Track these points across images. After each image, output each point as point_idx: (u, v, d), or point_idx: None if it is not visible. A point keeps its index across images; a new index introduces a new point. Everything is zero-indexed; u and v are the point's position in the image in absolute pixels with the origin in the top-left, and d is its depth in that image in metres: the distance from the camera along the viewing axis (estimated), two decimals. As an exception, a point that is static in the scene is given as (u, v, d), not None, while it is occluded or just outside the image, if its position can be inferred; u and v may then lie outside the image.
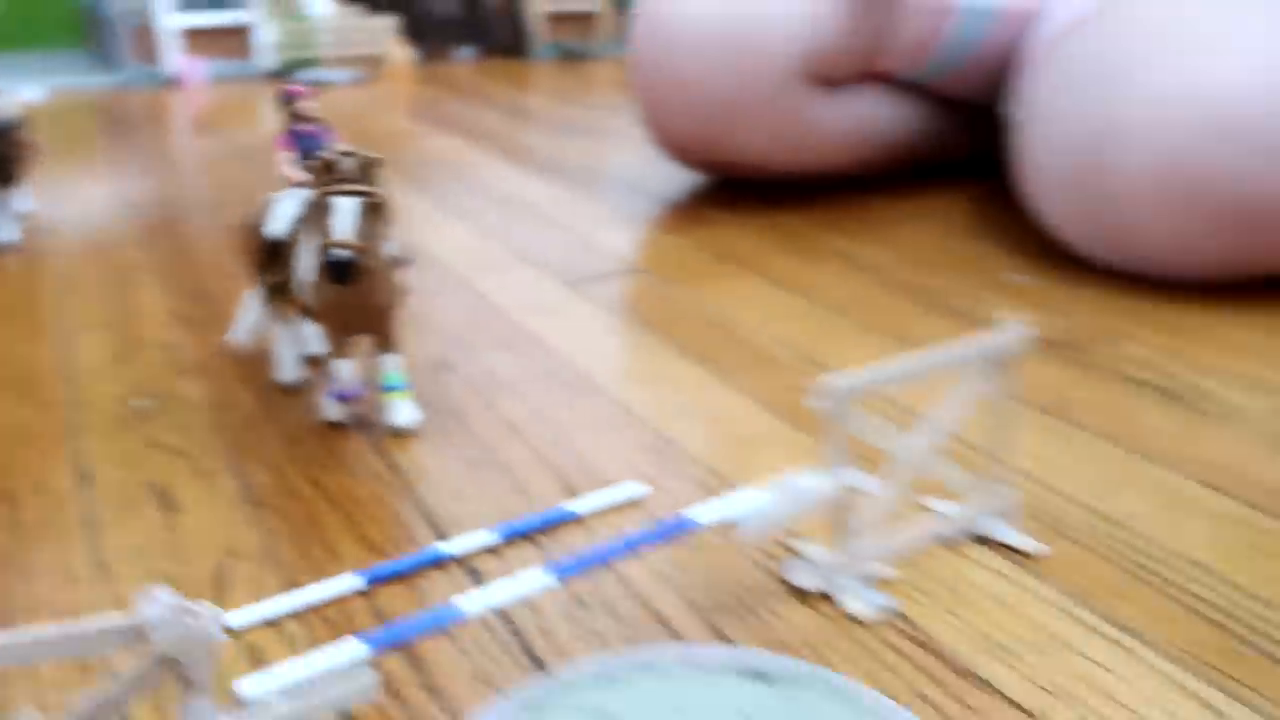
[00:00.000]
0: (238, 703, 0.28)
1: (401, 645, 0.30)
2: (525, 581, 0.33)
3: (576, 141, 1.10)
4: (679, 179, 0.90)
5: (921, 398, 0.46)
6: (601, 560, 0.34)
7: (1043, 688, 0.28)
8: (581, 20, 2.06)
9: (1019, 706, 0.27)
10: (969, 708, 0.27)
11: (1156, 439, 0.42)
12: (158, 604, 0.21)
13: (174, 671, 0.21)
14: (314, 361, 0.50)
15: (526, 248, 0.70)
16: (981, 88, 0.78)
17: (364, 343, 0.44)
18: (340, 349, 0.42)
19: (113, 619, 0.21)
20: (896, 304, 0.58)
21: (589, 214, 0.79)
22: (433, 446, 0.42)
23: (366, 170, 0.39)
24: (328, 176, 0.39)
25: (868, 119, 0.76)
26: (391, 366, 0.43)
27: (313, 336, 0.49)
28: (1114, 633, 0.30)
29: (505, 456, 0.41)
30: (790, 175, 0.79)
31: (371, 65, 1.80)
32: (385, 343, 0.43)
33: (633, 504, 0.38)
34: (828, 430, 0.30)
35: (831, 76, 0.71)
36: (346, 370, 0.43)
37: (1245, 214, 0.52)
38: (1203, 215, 0.53)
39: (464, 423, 0.44)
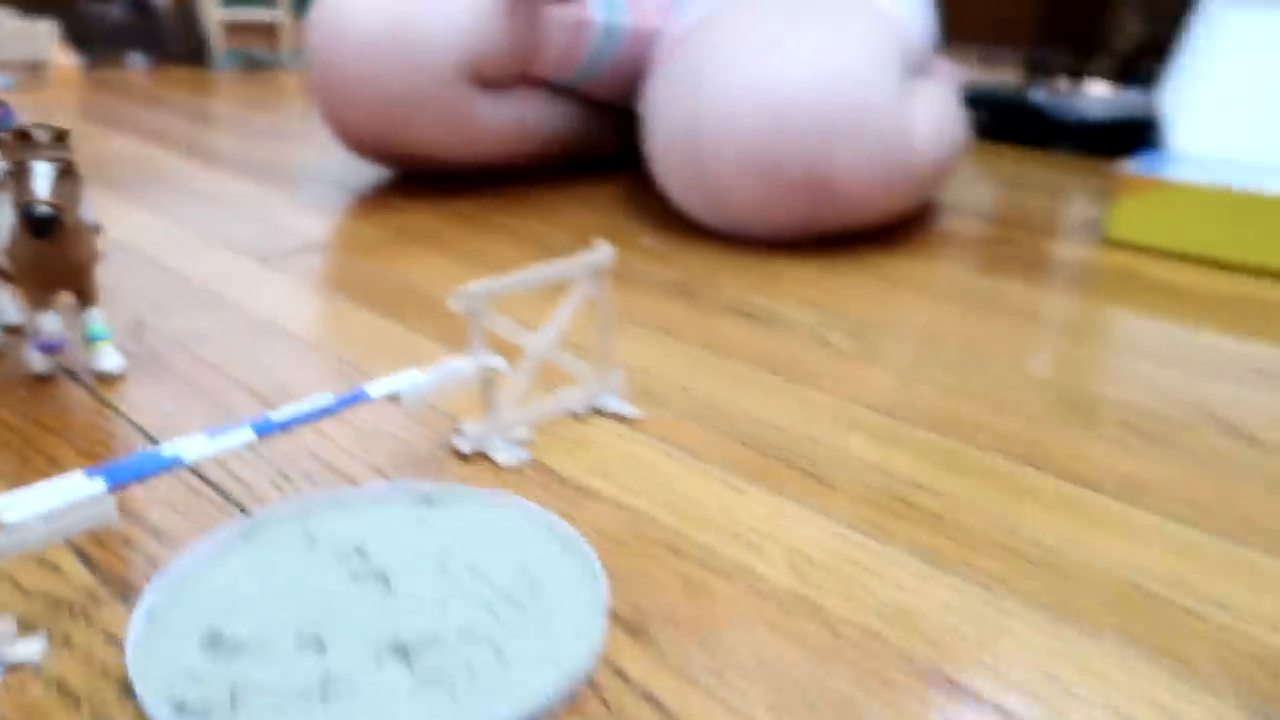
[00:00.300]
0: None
1: (127, 483, 0.37)
2: (233, 436, 0.40)
3: (264, 143, 1.13)
4: (364, 173, 0.97)
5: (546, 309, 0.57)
6: (295, 423, 0.42)
7: (630, 489, 0.40)
8: (263, 30, 2.05)
9: (612, 500, 0.39)
10: (578, 504, 0.38)
11: (736, 346, 0.56)
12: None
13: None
14: (11, 331, 0.53)
15: (217, 232, 0.75)
16: (622, 92, 0.92)
17: (64, 299, 0.48)
18: (42, 305, 0.47)
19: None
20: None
21: (278, 204, 0.84)
22: (139, 385, 0.48)
23: (59, 139, 0.44)
24: (22, 145, 0.43)
25: (528, 118, 0.87)
26: (94, 319, 0.48)
27: (9, 308, 0.53)
28: (683, 455, 0.43)
29: (208, 387, 0.48)
30: (461, 167, 0.89)
31: (31, 71, 1.70)
32: (86, 297, 0.48)
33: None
34: (468, 326, 0.40)
35: (492, 79, 0.82)
36: (50, 323, 0.47)
37: (803, 187, 0.68)
38: (773, 189, 0.69)
39: (167, 366, 0.50)
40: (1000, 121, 1.30)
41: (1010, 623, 0.32)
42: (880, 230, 0.81)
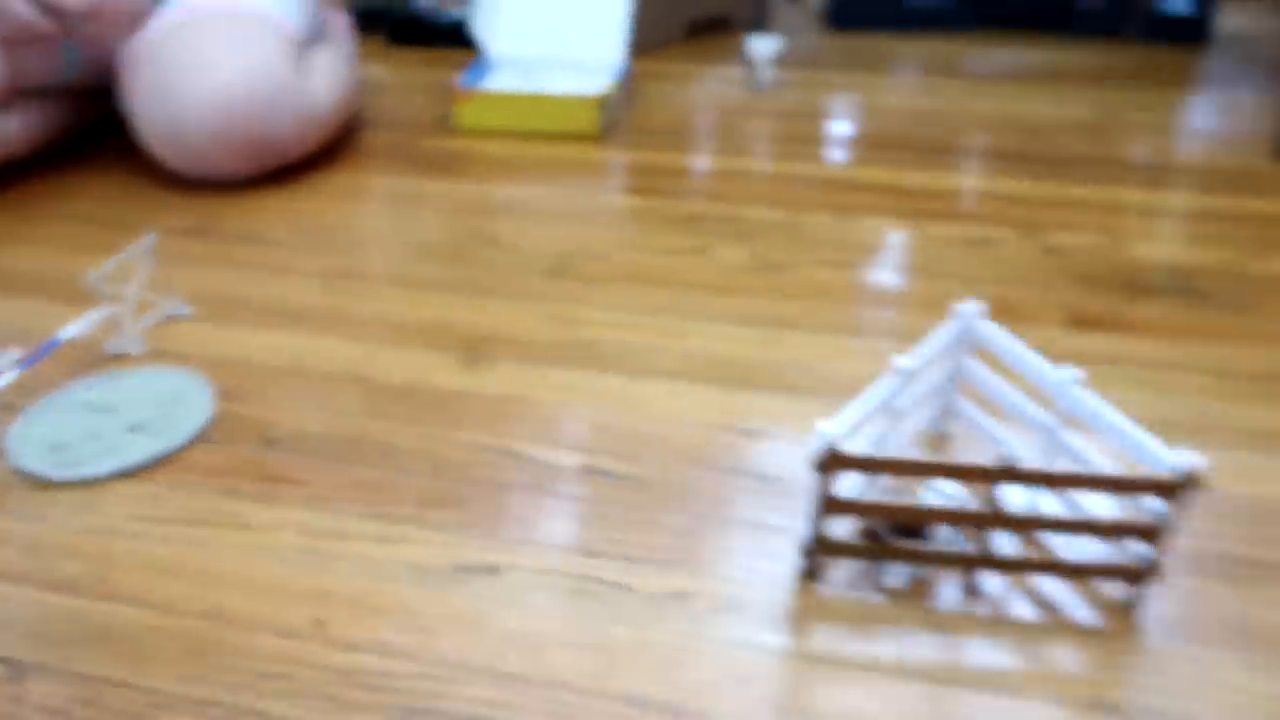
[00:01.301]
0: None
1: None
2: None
3: None
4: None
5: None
6: (32, 361, 0.79)
7: (206, 348, 0.83)
8: None
9: (198, 355, 0.82)
10: (181, 362, 0.81)
11: (246, 261, 0.99)
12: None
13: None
14: None
15: None
16: (97, 79, 1.23)
17: None
18: None
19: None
20: (105, 237, 1.05)
21: None
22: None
23: None
24: None
25: (32, 119, 1.17)
26: None
27: None
28: (231, 326, 0.86)
29: None
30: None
31: None
32: None
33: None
34: (99, 293, 0.80)
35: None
36: None
37: (254, 146, 1.10)
38: (235, 150, 1.10)
39: (-111, 362, 0.82)
40: (400, 30, 1.75)
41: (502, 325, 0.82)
42: (324, 152, 1.25)
